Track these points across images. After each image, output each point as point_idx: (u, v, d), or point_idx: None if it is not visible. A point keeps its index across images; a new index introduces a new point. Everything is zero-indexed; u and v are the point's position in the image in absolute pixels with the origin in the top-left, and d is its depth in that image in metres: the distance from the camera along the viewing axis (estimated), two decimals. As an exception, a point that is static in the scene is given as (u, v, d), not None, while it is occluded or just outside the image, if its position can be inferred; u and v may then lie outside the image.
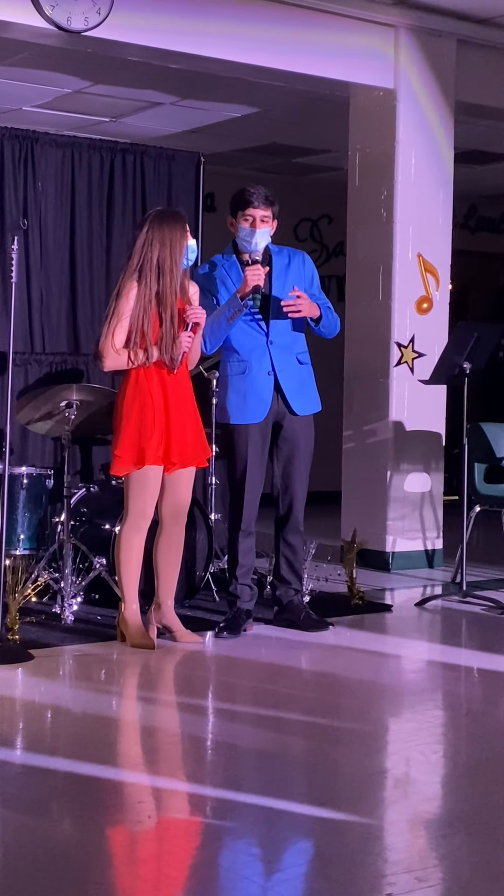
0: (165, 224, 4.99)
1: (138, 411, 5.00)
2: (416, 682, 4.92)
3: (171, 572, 5.18)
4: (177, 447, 5.02)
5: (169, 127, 8.58)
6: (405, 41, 6.96)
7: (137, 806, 3.36)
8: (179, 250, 4.97)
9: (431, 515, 7.21)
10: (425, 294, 7.13)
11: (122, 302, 4.97)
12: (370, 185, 7.15)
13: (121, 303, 4.98)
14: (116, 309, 4.99)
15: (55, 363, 6.66)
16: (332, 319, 5.36)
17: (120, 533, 5.11)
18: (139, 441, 4.97)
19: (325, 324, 5.31)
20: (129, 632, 5.04)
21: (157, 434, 4.97)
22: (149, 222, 5.04)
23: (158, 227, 4.98)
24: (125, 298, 4.97)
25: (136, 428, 4.98)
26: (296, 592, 5.50)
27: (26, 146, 6.60)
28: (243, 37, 6.44)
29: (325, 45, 6.72)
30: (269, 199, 5.24)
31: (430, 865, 2.96)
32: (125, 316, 4.97)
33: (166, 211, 5.18)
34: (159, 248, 4.95)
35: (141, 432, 4.97)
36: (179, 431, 5.03)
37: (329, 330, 5.37)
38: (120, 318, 4.98)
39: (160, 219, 5.03)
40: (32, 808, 3.29)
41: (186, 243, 4.99)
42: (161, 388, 5.01)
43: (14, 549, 5.75)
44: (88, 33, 5.93)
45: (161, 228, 4.98)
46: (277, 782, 3.53)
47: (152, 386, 5.00)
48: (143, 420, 4.98)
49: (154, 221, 5.03)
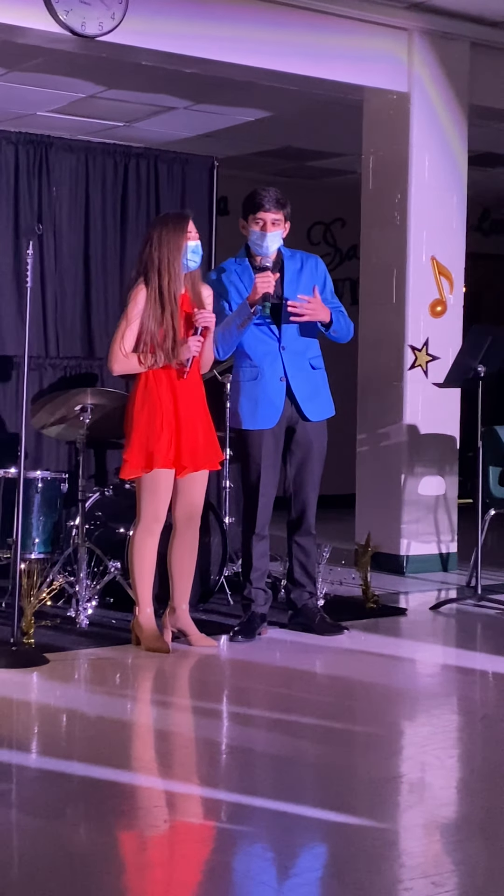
0: (165, 225, 5.00)
1: (147, 415, 5.00)
2: (431, 686, 4.91)
3: (186, 576, 5.19)
4: (188, 451, 5.02)
5: (183, 131, 8.59)
6: (419, 44, 6.96)
7: (152, 810, 3.36)
8: (177, 249, 4.95)
9: (446, 519, 7.20)
10: (439, 297, 7.12)
11: (131, 306, 4.98)
12: (384, 189, 7.15)
13: (130, 307, 4.99)
14: (126, 313, 5.00)
15: (69, 367, 6.68)
16: (345, 324, 5.34)
17: (133, 537, 5.12)
18: (147, 445, 4.98)
19: (337, 328, 5.30)
20: (143, 635, 5.05)
21: (165, 437, 4.97)
22: (151, 225, 5.09)
23: (158, 229, 5.00)
24: (133, 302, 4.98)
25: (144, 432, 4.99)
26: (310, 596, 5.50)
27: (41, 151, 6.62)
28: (257, 41, 6.45)
29: (338, 49, 6.72)
30: (281, 201, 5.23)
31: (446, 870, 2.95)
32: (134, 320, 4.98)
33: (169, 213, 5.22)
34: (159, 248, 4.96)
35: (149, 436, 4.98)
36: (190, 435, 5.03)
37: (341, 335, 5.36)
38: (129, 321, 4.98)
39: (161, 221, 5.07)
40: (48, 812, 3.29)
41: (186, 243, 4.98)
42: (171, 392, 5.02)
43: (29, 552, 5.76)
44: (102, 38, 5.94)
45: (161, 230, 4.99)
46: (292, 787, 3.53)
47: (162, 390, 5.01)
48: (151, 424, 4.98)
49: (155, 224, 5.07)
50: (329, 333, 5.32)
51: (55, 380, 6.60)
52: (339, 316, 5.31)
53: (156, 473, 4.99)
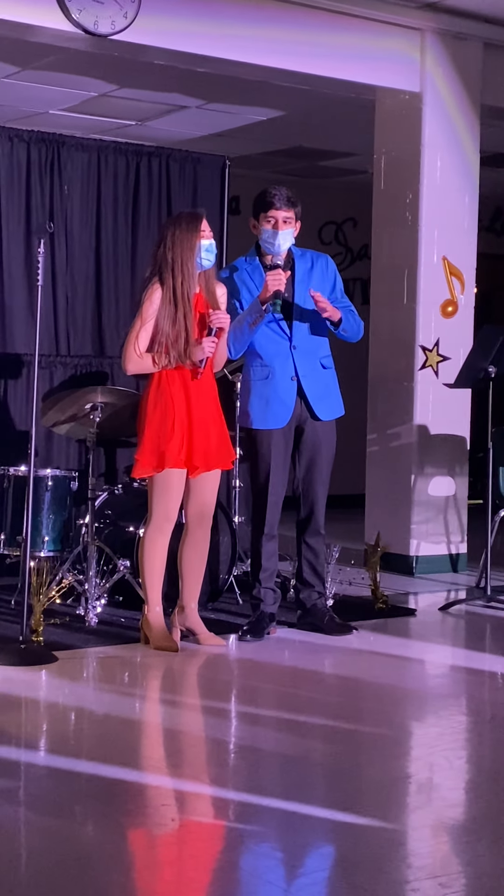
0: (178, 225, 5.00)
1: (160, 414, 5.00)
2: (439, 686, 4.90)
3: (196, 575, 5.19)
4: (200, 450, 5.02)
5: (194, 130, 8.59)
6: (431, 44, 6.95)
7: (161, 809, 3.37)
8: (191, 249, 4.95)
9: (456, 519, 7.19)
10: (450, 297, 7.11)
11: (147, 305, 4.98)
12: (395, 189, 7.14)
13: (145, 306, 4.99)
14: (141, 312, 5.00)
15: (80, 366, 6.69)
16: (355, 323, 5.34)
17: (144, 535, 5.12)
18: (159, 444, 4.98)
19: (347, 327, 5.29)
20: (152, 634, 5.05)
21: (177, 437, 4.97)
22: (165, 226, 5.09)
23: (172, 229, 5.00)
24: (149, 301, 4.98)
25: (156, 431, 4.99)
26: (319, 596, 5.49)
27: (52, 150, 6.63)
28: (269, 40, 6.45)
29: (350, 49, 6.72)
30: (292, 200, 5.22)
31: (454, 872, 2.95)
32: (149, 319, 4.98)
33: (182, 212, 5.22)
34: (172, 248, 4.96)
35: (161, 435, 4.98)
36: (203, 434, 5.03)
37: (352, 334, 5.36)
38: (144, 321, 4.98)
39: (175, 221, 5.06)
40: (56, 811, 3.29)
41: (199, 242, 4.97)
42: (184, 391, 5.02)
43: (38, 550, 5.77)
44: (115, 37, 5.94)
45: (174, 229, 4.98)
46: (300, 786, 3.53)
47: (174, 389, 5.01)
48: (163, 423, 4.98)
49: (169, 224, 5.07)
50: (339, 332, 5.31)
51: (66, 378, 6.62)
52: (350, 315, 5.30)
53: (167, 473, 4.99)
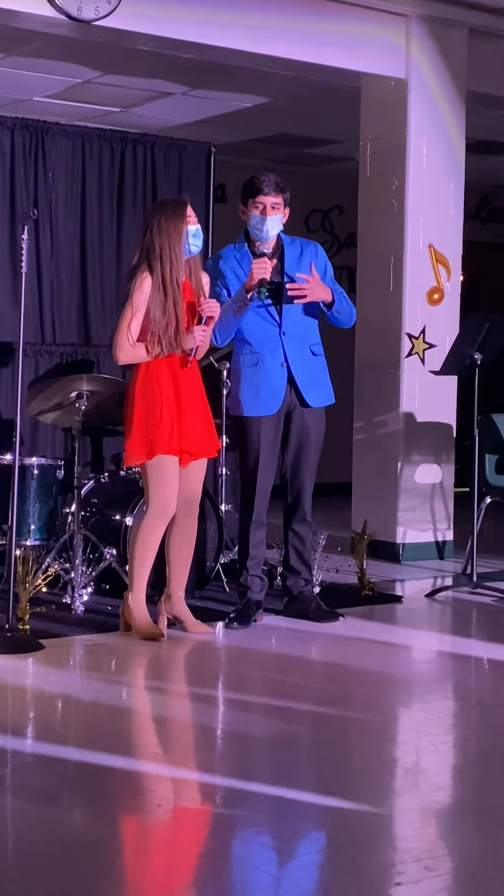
0: (164, 211, 4.96)
1: (149, 403, 4.98)
2: (426, 672, 4.91)
3: (183, 563, 5.18)
4: (189, 438, 5.01)
5: (179, 117, 8.56)
6: (416, 31, 6.94)
7: (148, 795, 3.37)
8: (178, 235, 4.92)
9: (442, 507, 7.20)
10: (436, 285, 7.11)
11: (137, 294, 4.94)
12: (381, 176, 7.13)
13: (135, 295, 4.94)
14: (131, 301, 4.95)
15: (66, 354, 6.66)
16: (347, 307, 5.32)
17: (141, 523, 5.04)
18: (149, 433, 4.96)
19: (340, 308, 5.27)
20: (136, 623, 5.01)
21: (166, 425, 4.96)
22: (149, 212, 5.05)
23: (157, 216, 4.96)
24: (139, 290, 4.93)
25: (145, 419, 4.97)
26: (306, 583, 5.50)
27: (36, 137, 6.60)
28: (254, 26, 6.42)
29: (336, 35, 6.70)
30: (280, 185, 5.21)
31: (439, 855, 2.96)
32: (140, 308, 4.94)
33: (166, 199, 5.18)
34: (159, 235, 4.93)
35: (150, 423, 4.96)
36: (191, 423, 5.02)
37: (345, 317, 5.33)
38: (135, 310, 4.94)
39: (160, 208, 5.03)
40: (43, 798, 3.29)
41: (186, 228, 4.95)
42: (172, 380, 5.00)
43: (24, 539, 5.76)
44: (99, 23, 5.91)
45: (159, 217, 4.95)
46: (288, 772, 3.54)
47: (163, 378, 4.99)
48: (152, 411, 4.97)
49: (154, 211, 5.03)
50: (331, 315, 5.28)
51: (51, 366, 6.59)
52: (342, 298, 5.29)
53: (161, 460, 4.96)
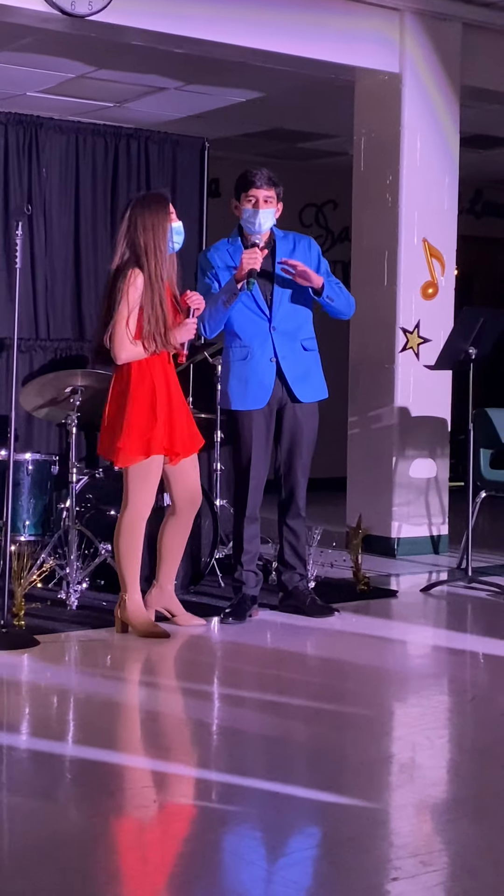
0: (148, 207, 4.93)
1: (145, 401, 4.94)
2: (421, 667, 4.92)
3: (177, 557, 5.18)
4: (179, 436, 5.00)
5: (173, 112, 8.55)
6: (410, 25, 6.93)
7: (142, 791, 3.37)
8: (164, 232, 4.90)
9: (437, 501, 7.20)
10: (431, 279, 7.11)
11: (132, 291, 4.89)
12: (375, 170, 7.12)
13: (130, 292, 4.90)
14: (127, 299, 4.89)
15: (60, 349, 6.66)
16: (344, 296, 5.29)
17: (122, 522, 5.02)
18: (145, 431, 4.93)
19: (331, 295, 5.22)
20: (136, 622, 4.98)
21: (161, 423, 4.94)
22: (131, 208, 4.98)
23: (141, 212, 4.93)
24: (134, 287, 4.89)
25: (142, 418, 4.93)
26: (301, 578, 5.49)
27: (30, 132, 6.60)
28: (248, 21, 6.41)
29: (330, 29, 6.69)
30: (273, 179, 5.20)
31: (435, 850, 2.96)
32: (136, 305, 4.90)
33: (148, 194, 5.14)
34: (144, 231, 4.91)
35: (147, 422, 4.93)
36: (180, 419, 5.02)
37: (341, 304, 5.29)
38: (131, 308, 4.89)
39: (142, 203, 4.97)
40: (38, 793, 3.29)
41: (170, 225, 4.93)
42: (164, 377, 4.99)
43: (19, 535, 5.75)
44: (92, 17, 5.90)
45: (144, 212, 4.92)
46: (283, 767, 3.54)
47: (157, 376, 4.97)
48: (149, 410, 4.93)
49: (136, 206, 4.97)
50: (325, 302, 5.24)
51: (45, 362, 6.59)
52: (334, 286, 5.25)
53: (154, 460, 4.95)
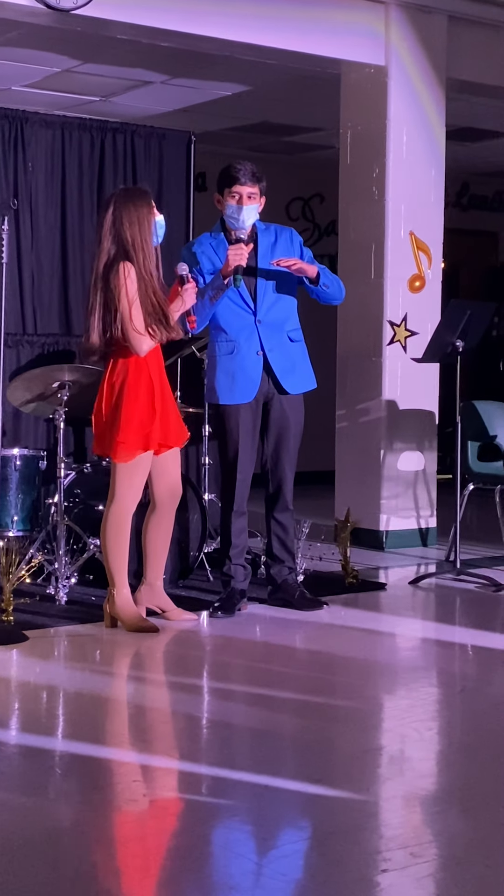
0: (132, 201, 4.92)
1: (143, 396, 4.93)
2: (410, 659, 4.93)
3: (163, 552, 5.18)
4: (173, 428, 5.02)
5: (159, 106, 8.53)
6: (396, 18, 6.92)
7: (132, 785, 3.37)
8: (148, 227, 4.90)
9: (425, 494, 7.22)
10: (417, 272, 7.11)
11: (129, 284, 4.86)
12: (362, 164, 7.12)
13: (128, 285, 4.87)
14: (126, 293, 4.87)
15: (47, 344, 6.64)
16: (335, 279, 5.29)
17: (109, 518, 5.00)
18: (143, 425, 4.92)
19: (327, 282, 5.20)
20: (125, 617, 4.98)
21: (157, 416, 4.94)
22: (114, 202, 4.95)
23: (125, 206, 4.92)
24: (130, 280, 4.86)
25: (140, 412, 4.91)
26: (290, 571, 5.50)
27: (16, 126, 6.56)
28: (234, 14, 6.40)
29: (315, 22, 6.68)
30: (257, 175, 5.19)
31: (425, 841, 2.97)
32: (136, 298, 4.88)
33: (130, 188, 5.14)
34: (129, 226, 4.90)
35: (146, 417, 4.92)
36: (171, 412, 5.03)
37: (334, 290, 5.27)
38: (132, 301, 4.87)
39: (125, 197, 4.96)
40: (27, 788, 3.29)
41: (154, 219, 4.93)
42: (158, 371, 5.00)
43: (7, 530, 5.74)
44: (77, 11, 5.88)
45: (128, 206, 4.91)
46: (272, 760, 3.54)
47: (153, 369, 4.97)
48: (146, 404, 4.93)
49: (119, 201, 4.95)
50: (321, 290, 5.22)
51: (33, 356, 6.57)
52: (327, 271, 5.23)
53: (147, 454, 4.95)
